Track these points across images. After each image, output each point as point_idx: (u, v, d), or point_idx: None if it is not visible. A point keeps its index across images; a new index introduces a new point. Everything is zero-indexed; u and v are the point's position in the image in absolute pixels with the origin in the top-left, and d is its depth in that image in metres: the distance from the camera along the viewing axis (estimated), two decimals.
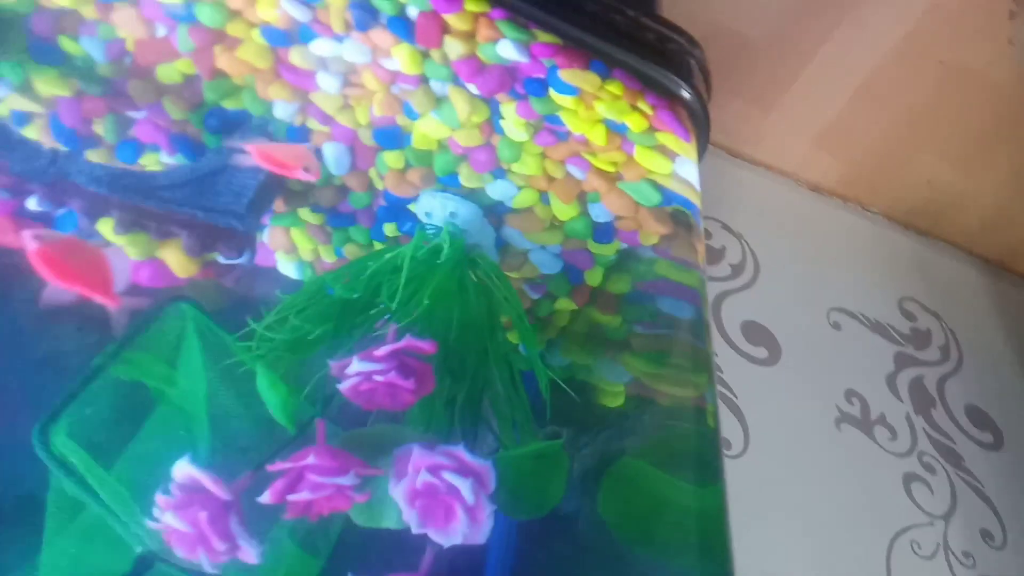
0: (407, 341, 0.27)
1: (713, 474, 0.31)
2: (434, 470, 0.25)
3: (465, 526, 0.25)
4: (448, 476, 0.25)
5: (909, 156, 0.79)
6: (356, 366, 0.26)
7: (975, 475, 0.69)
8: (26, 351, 0.33)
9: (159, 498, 0.23)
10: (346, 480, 0.24)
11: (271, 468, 0.24)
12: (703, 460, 0.31)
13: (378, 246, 0.39)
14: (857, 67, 0.73)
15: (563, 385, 0.32)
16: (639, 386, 0.37)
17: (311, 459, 0.24)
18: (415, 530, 0.25)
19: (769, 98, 0.77)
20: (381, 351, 0.27)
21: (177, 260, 0.35)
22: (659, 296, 0.40)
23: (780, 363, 0.70)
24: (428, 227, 0.36)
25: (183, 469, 0.23)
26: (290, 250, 0.37)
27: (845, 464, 0.66)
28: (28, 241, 0.28)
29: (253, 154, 0.33)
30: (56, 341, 0.33)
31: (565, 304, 0.39)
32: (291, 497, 0.24)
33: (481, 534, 0.25)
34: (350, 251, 0.38)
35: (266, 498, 0.23)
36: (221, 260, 0.36)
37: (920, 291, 0.81)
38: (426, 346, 0.27)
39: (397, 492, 0.25)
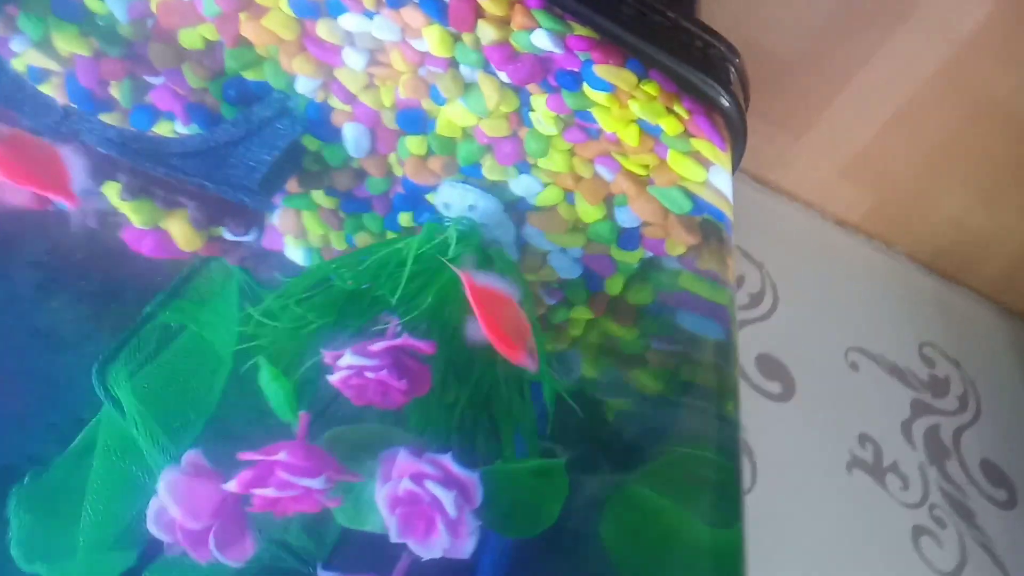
0: (404, 339, 0.26)
1: (733, 514, 0.29)
2: (417, 479, 0.24)
3: (445, 541, 0.23)
4: (431, 486, 0.23)
5: (936, 194, 0.78)
6: (348, 359, 0.25)
7: (987, 533, 0.66)
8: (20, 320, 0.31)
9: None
10: (316, 483, 0.23)
11: (242, 456, 0.23)
12: (724, 496, 0.29)
13: (391, 236, 0.37)
14: (891, 96, 0.72)
15: (569, 400, 0.30)
16: (643, 401, 0.35)
17: (283, 455, 0.22)
18: (394, 538, 0.23)
19: (799, 123, 0.75)
20: (376, 347, 0.25)
21: (182, 232, 0.33)
22: (682, 311, 0.38)
23: (794, 400, 0.67)
24: (442, 219, 0.35)
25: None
26: (299, 234, 0.36)
27: (854, 511, 0.63)
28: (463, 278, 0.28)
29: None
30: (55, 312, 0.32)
31: (581, 312, 0.37)
32: (256, 491, 0.22)
33: (463, 550, 0.23)
34: (361, 239, 0.37)
35: (232, 486, 0.22)
36: (227, 236, 0.34)
37: (941, 337, 0.79)
38: (424, 346, 0.26)
39: (379, 496, 0.24)
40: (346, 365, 0.25)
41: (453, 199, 0.35)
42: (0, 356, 0.30)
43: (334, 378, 0.26)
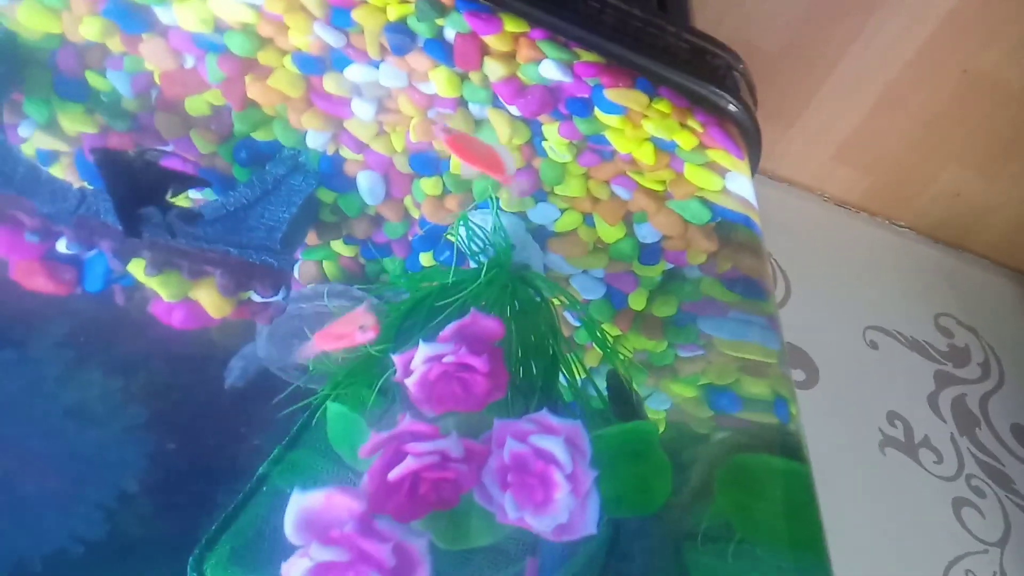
0: (472, 316, 0.25)
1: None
2: (520, 437, 0.22)
3: (567, 498, 0.21)
4: (538, 440, 0.21)
5: (933, 167, 0.78)
6: (423, 352, 0.24)
7: None
8: (51, 401, 0.31)
9: (292, 564, 0.20)
10: (447, 443, 0.21)
11: (363, 453, 0.21)
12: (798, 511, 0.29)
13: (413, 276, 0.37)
14: (877, 78, 0.72)
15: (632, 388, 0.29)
16: (679, 412, 0.35)
17: (406, 422, 0.21)
18: (512, 516, 0.21)
19: (790, 111, 0.76)
20: (446, 331, 0.24)
21: (211, 300, 0.33)
22: (705, 317, 0.38)
23: (819, 385, 0.67)
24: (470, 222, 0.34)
25: (300, 504, 0.21)
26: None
27: (892, 490, 0.63)
28: (438, 132, 0.32)
29: (317, 342, 0.32)
30: (85, 388, 0.31)
31: (608, 330, 0.37)
32: (393, 473, 0.20)
33: (588, 513, 0.21)
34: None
35: (365, 485, 0.20)
36: (256, 298, 0.34)
37: (954, 306, 0.79)
38: (492, 323, 0.25)
39: (486, 477, 0.21)
40: (421, 359, 0.24)
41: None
42: (36, 438, 0.30)
43: (411, 381, 0.24)
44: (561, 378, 0.29)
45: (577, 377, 0.29)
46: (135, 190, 0.32)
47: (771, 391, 0.33)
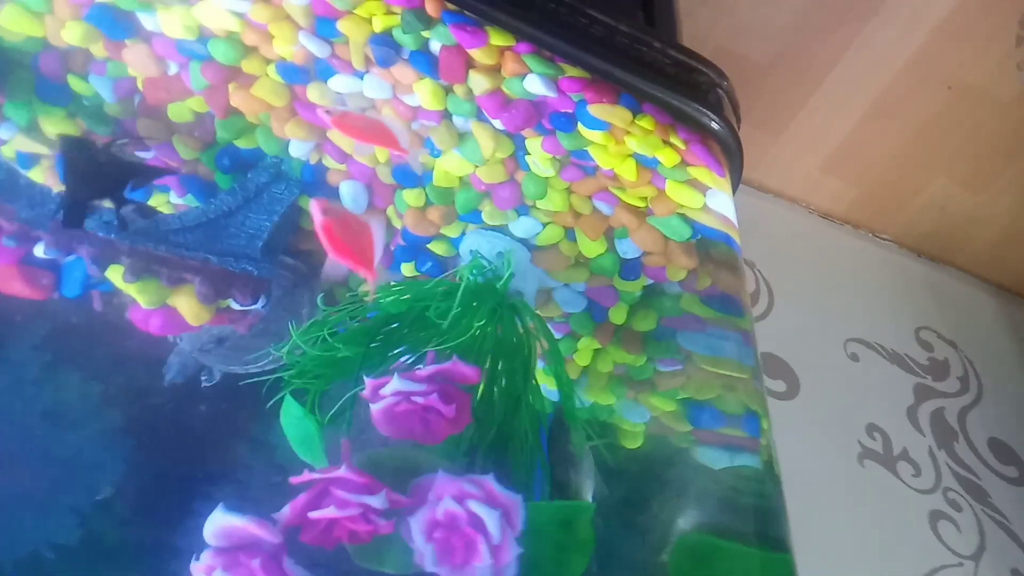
0: (454, 363, 0.25)
1: (783, 536, 0.29)
2: (460, 499, 0.22)
3: (487, 567, 0.22)
4: (474, 506, 0.22)
5: (919, 179, 0.79)
6: (395, 384, 0.24)
7: (1002, 512, 0.67)
8: (28, 403, 0.31)
9: (195, 567, 0.21)
10: (376, 501, 0.22)
11: (295, 480, 0.22)
12: (771, 521, 0.29)
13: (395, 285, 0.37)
14: (866, 89, 0.73)
15: (602, 449, 0.30)
16: (659, 425, 0.35)
17: (342, 470, 0.22)
18: (429, 568, 0.22)
19: (778, 122, 0.76)
20: (424, 371, 0.25)
21: (189, 307, 0.33)
22: (688, 332, 0.38)
23: (799, 396, 0.68)
24: (479, 254, 0.35)
25: (219, 523, 0.21)
26: None
27: (870, 502, 0.64)
28: (316, 214, 0.32)
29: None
30: (63, 392, 0.31)
31: (588, 343, 0.37)
32: (313, 514, 0.21)
33: None
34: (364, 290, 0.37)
35: (284, 514, 0.21)
36: (235, 306, 0.34)
37: (936, 320, 0.80)
38: (471, 372, 0.25)
39: (414, 523, 0.22)
40: (391, 392, 0.24)
41: (482, 247, 0.35)
42: (12, 441, 0.30)
43: (377, 409, 0.24)
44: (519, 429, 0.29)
45: (533, 432, 0.29)
46: (90, 180, 0.32)
47: (743, 406, 0.34)
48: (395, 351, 0.30)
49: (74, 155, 0.31)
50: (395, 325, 0.30)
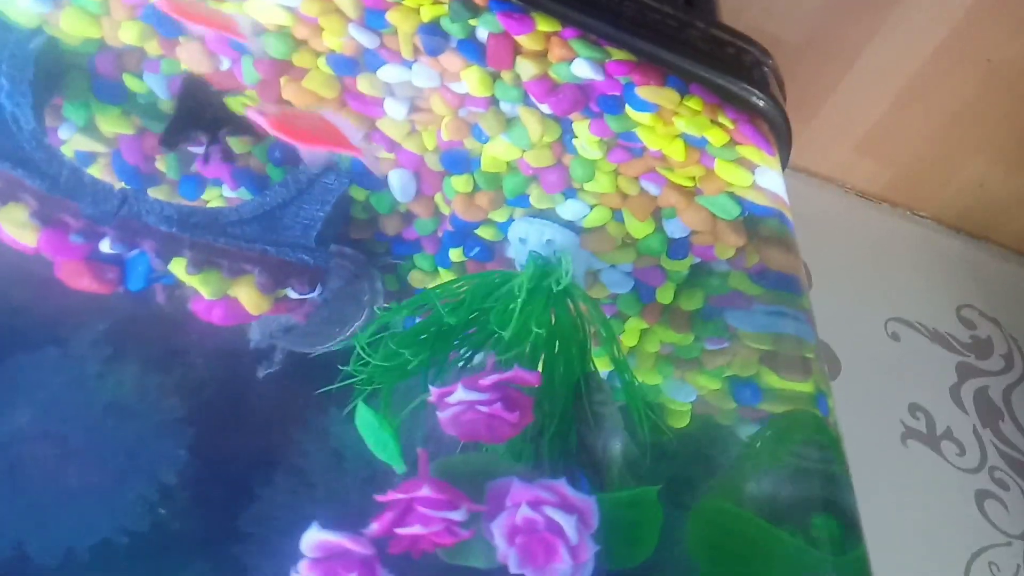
0: (515, 372, 0.26)
1: (854, 531, 0.29)
2: (535, 505, 0.24)
3: (567, 567, 0.23)
4: (550, 512, 0.24)
5: (956, 158, 0.78)
6: (460, 394, 0.25)
7: None
8: (93, 396, 0.32)
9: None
10: (457, 515, 0.23)
11: (380, 499, 0.23)
12: (837, 508, 0.29)
13: (443, 272, 0.38)
14: (900, 69, 0.72)
15: (664, 428, 0.30)
16: (705, 404, 0.36)
17: (425, 491, 0.23)
18: (513, 570, 0.23)
19: (811, 103, 0.75)
20: (487, 380, 0.25)
21: (250, 297, 0.34)
22: (736, 310, 0.38)
23: (841, 377, 0.67)
24: (536, 255, 0.35)
25: (313, 539, 0.22)
26: None
27: (914, 482, 0.63)
28: (259, 119, 0.32)
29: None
30: (125, 383, 0.32)
31: (635, 323, 0.37)
32: (400, 531, 0.23)
33: None
34: (415, 278, 0.37)
35: (372, 530, 0.23)
36: (293, 295, 0.35)
37: (977, 297, 0.79)
38: (532, 378, 0.26)
39: (495, 528, 0.24)
40: (457, 401, 0.25)
41: (530, 234, 0.35)
42: (78, 433, 0.31)
43: (444, 415, 0.26)
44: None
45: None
46: (196, 114, 0.34)
47: (813, 386, 0.34)
48: (457, 352, 0.31)
49: (193, 90, 0.33)
50: (454, 327, 0.31)
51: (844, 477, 0.30)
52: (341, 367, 0.30)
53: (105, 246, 0.33)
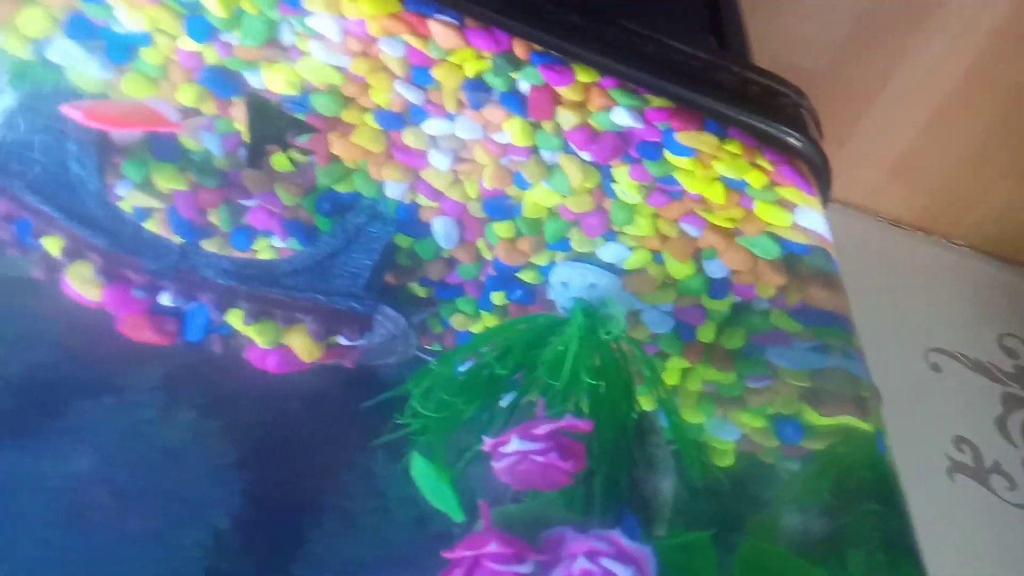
0: (568, 420, 0.26)
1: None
2: (592, 556, 0.24)
3: None
4: (607, 563, 0.24)
5: (988, 183, 0.77)
6: (515, 445, 0.26)
7: None
8: (150, 442, 0.33)
9: None
10: (524, 569, 0.23)
11: (447, 555, 0.23)
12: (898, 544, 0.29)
13: (486, 316, 0.38)
14: (928, 96, 0.72)
15: (713, 468, 0.30)
16: (748, 442, 0.36)
17: (493, 547, 0.23)
18: None
19: (839, 132, 0.76)
20: (541, 430, 0.26)
21: (303, 345, 0.35)
22: (778, 348, 0.38)
23: (882, 411, 0.66)
24: (583, 303, 0.36)
25: None
26: None
27: (962, 517, 0.62)
28: (75, 114, 0.32)
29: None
30: (182, 429, 0.33)
31: (677, 363, 0.37)
32: None
33: None
34: (457, 321, 0.38)
35: None
36: (343, 342, 0.35)
37: (1018, 326, 0.77)
38: (585, 425, 0.26)
39: None
40: (512, 451, 0.26)
41: (572, 278, 0.36)
42: (134, 478, 0.32)
43: (499, 465, 0.26)
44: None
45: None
46: (266, 129, 0.36)
47: (872, 427, 0.34)
48: (506, 400, 0.31)
49: (259, 109, 0.36)
50: (504, 374, 0.31)
51: (907, 517, 0.30)
52: (395, 418, 0.30)
53: (165, 299, 0.34)
